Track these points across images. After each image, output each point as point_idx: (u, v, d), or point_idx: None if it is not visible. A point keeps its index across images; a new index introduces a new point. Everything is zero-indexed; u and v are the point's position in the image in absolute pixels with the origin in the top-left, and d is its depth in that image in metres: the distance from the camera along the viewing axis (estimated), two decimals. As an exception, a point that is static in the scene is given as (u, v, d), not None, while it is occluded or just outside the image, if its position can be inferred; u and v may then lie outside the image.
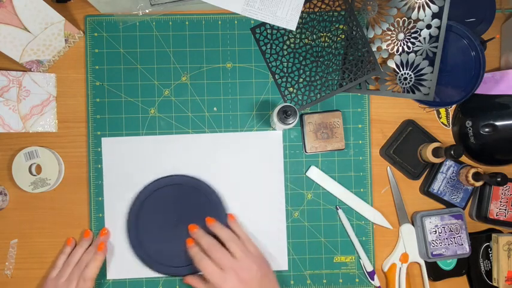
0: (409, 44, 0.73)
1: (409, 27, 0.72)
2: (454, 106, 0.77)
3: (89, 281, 0.68)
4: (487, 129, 0.72)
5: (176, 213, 0.73)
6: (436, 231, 0.73)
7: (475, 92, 0.71)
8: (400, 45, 0.73)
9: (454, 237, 0.73)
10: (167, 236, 0.72)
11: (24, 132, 0.73)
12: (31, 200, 0.74)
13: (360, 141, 0.76)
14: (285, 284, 0.75)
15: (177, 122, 0.75)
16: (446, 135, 0.77)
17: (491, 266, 0.75)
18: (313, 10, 0.75)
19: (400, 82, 0.74)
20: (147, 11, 0.74)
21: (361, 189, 0.75)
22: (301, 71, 0.75)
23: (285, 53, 0.75)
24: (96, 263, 0.69)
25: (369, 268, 0.74)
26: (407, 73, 0.73)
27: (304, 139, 0.75)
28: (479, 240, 0.75)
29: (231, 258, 0.66)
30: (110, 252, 0.73)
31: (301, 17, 0.74)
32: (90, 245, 0.72)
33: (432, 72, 0.72)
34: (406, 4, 0.72)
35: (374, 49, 0.74)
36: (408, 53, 0.73)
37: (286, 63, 0.75)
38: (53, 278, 0.69)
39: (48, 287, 0.68)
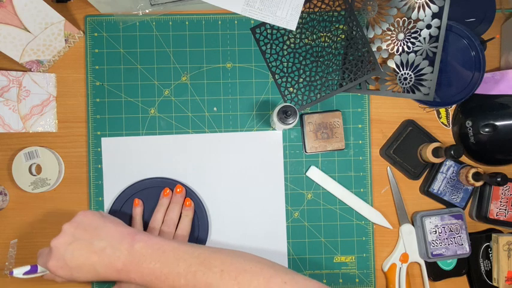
0: (409, 44, 0.73)
1: (409, 27, 0.72)
2: (454, 106, 0.77)
3: (187, 238, 0.69)
4: (487, 129, 0.72)
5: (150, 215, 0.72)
6: (436, 231, 0.73)
7: (475, 92, 0.71)
8: (400, 45, 0.73)
9: (454, 237, 0.73)
10: None
11: (24, 132, 0.73)
12: (31, 200, 0.74)
13: (360, 141, 0.76)
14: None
15: (177, 122, 0.75)
16: (446, 135, 0.77)
17: (491, 266, 0.75)
18: (313, 10, 0.75)
19: (400, 82, 0.74)
20: (147, 11, 0.74)
21: (361, 189, 0.75)
22: (301, 71, 0.75)
23: (285, 53, 0.75)
24: (188, 219, 0.69)
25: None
26: (407, 73, 0.73)
27: (304, 139, 0.75)
28: (479, 240, 0.75)
29: None
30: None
31: (301, 17, 0.74)
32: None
33: (432, 72, 0.72)
34: (406, 4, 0.72)
35: (374, 49, 0.74)
36: (408, 53, 0.73)
37: (286, 63, 0.75)
38: None
39: None
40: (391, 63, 0.74)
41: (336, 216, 0.75)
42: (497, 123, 0.72)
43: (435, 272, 0.75)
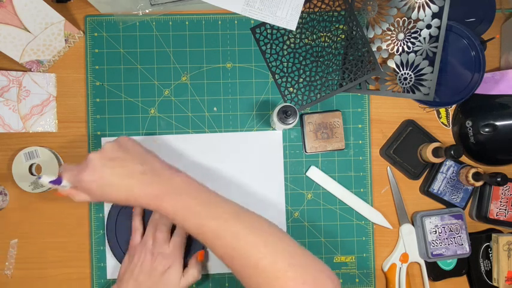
0: (409, 44, 0.73)
1: (409, 27, 0.72)
2: (454, 106, 0.77)
3: (184, 236, 0.68)
4: (487, 129, 0.72)
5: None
6: (436, 231, 0.73)
7: (475, 92, 0.71)
8: (400, 45, 0.73)
9: (454, 237, 0.73)
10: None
11: (24, 132, 0.73)
12: (31, 200, 0.74)
13: (360, 141, 0.76)
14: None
15: (177, 122, 0.75)
16: (446, 135, 0.77)
17: (491, 266, 0.75)
18: (313, 10, 0.75)
19: (400, 82, 0.74)
20: (147, 11, 0.74)
21: (361, 189, 0.75)
22: (301, 71, 0.75)
23: (285, 53, 0.75)
24: None
25: None
26: (407, 73, 0.73)
27: (304, 139, 0.75)
28: (479, 240, 0.75)
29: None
30: (110, 252, 0.73)
31: (301, 17, 0.74)
32: None
33: (432, 72, 0.72)
34: (406, 4, 0.72)
35: (374, 49, 0.74)
36: (408, 53, 0.73)
37: (286, 63, 0.75)
38: (140, 243, 0.67)
39: (138, 251, 0.66)
40: (391, 63, 0.74)
41: (336, 216, 0.75)
42: (497, 123, 0.72)
43: (435, 272, 0.75)
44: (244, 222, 0.55)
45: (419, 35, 0.72)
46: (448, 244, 0.73)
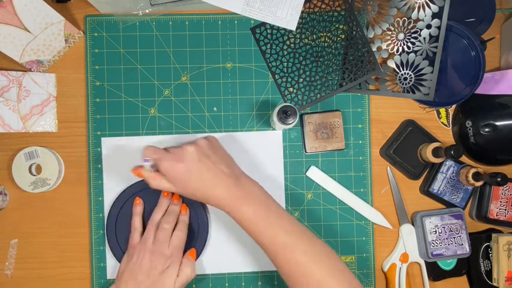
0: (409, 44, 0.73)
1: (409, 27, 0.72)
2: (454, 106, 0.77)
3: (184, 234, 0.68)
4: (487, 129, 0.72)
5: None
6: (436, 231, 0.73)
7: (475, 92, 0.71)
8: (400, 45, 0.73)
9: (454, 237, 0.73)
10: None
11: (24, 132, 0.73)
12: (31, 200, 0.74)
13: (360, 141, 0.76)
14: (285, 285, 0.75)
15: (177, 122, 0.75)
16: (446, 135, 0.77)
17: (491, 266, 0.75)
18: (313, 10, 0.75)
19: (400, 82, 0.74)
20: (147, 11, 0.74)
21: (361, 189, 0.75)
22: (301, 71, 0.75)
23: (285, 53, 0.75)
24: (184, 224, 0.69)
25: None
26: (407, 73, 0.73)
27: (304, 139, 0.75)
28: (479, 240, 0.75)
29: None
30: (110, 252, 0.73)
31: (301, 17, 0.74)
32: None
33: (432, 72, 0.72)
34: (406, 4, 0.72)
35: (374, 49, 0.74)
36: (408, 53, 0.73)
37: (286, 63, 0.75)
38: (140, 242, 0.67)
39: (137, 250, 0.66)
40: (391, 63, 0.74)
41: (336, 216, 0.75)
42: (497, 123, 0.72)
43: (435, 272, 0.75)
44: (306, 239, 0.58)
45: (419, 35, 0.72)
46: (448, 244, 0.73)
